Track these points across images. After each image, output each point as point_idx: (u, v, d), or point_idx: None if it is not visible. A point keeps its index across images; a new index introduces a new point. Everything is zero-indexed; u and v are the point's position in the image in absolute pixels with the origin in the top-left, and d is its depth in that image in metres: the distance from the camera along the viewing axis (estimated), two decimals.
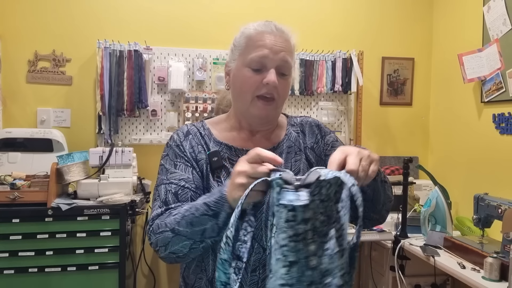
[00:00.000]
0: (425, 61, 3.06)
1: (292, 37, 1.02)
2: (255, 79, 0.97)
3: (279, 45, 0.98)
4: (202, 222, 0.85)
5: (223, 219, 0.83)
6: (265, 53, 0.97)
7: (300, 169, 1.04)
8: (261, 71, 0.98)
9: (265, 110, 1.00)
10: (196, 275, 1.01)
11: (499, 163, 2.33)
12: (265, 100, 0.98)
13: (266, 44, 0.97)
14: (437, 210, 2.23)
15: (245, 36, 1.01)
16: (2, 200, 2.05)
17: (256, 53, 0.97)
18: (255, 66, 0.98)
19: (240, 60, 1.00)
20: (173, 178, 0.99)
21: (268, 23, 1.01)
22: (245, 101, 1.00)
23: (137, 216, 2.37)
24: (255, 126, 1.05)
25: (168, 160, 1.03)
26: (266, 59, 0.97)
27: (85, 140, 2.62)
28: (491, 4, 2.37)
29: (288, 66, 1.00)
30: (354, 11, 2.97)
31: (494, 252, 1.77)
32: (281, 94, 1.00)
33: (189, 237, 0.87)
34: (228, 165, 1.01)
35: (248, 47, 0.99)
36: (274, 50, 0.97)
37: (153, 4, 2.72)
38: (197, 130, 1.06)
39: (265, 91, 0.97)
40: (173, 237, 0.89)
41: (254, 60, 0.97)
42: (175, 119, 2.72)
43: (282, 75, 0.99)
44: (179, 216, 0.89)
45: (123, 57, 2.58)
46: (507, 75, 2.27)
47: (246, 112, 1.02)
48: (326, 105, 2.92)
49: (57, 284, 2.09)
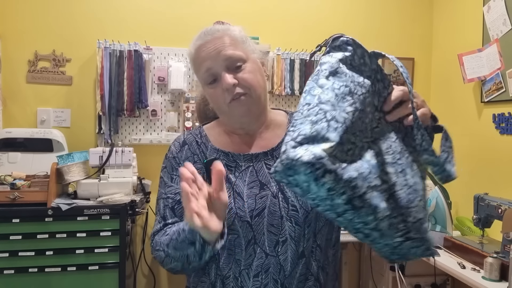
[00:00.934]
0: (425, 61, 3.06)
1: (229, 30, 1.00)
2: (218, 91, 0.97)
3: (213, 50, 0.96)
4: (183, 248, 0.87)
5: (198, 249, 0.84)
6: (207, 65, 0.96)
7: None
8: (217, 80, 0.97)
9: (242, 106, 0.97)
10: (199, 278, 1.01)
11: (499, 163, 2.33)
12: (237, 100, 0.96)
13: (204, 57, 0.97)
14: (437, 210, 2.23)
15: (190, 60, 1.03)
16: (2, 200, 2.05)
17: (202, 69, 0.98)
18: (209, 80, 0.98)
19: (201, 82, 1.02)
20: (170, 192, 1.02)
21: (202, 32, 1.00)
22: (224, 112, 1.00)
23: (137, 216, 2.38)
24: (246, 126, 1.03)
25: (166, 173, 1.05)
26: (211, 69, 0.96)
27: (85, 140, 2.62)
28: (491, 4, 2.37)
29: (236, 58, 0.96)
30: (354, 11, 2.97)
31: (494, 252, 1.77)
32: (247, 85, 0.96)
33: (176, 259, 0.91)
34: (226, 172, 1.00)
35: (196, 69, 1.01)
36: (212, 56, 0.96)
37: (153, 4, 2.72)
38: (193, 139, 1.06)
39: (230, 95, 0.96)
40: (165, 257, 0.93)
41: (205, 76, 0.98)
42: (175, 119, 2.72)
43: (236, 68, 0.96)
44: (168, 238, 0.93)
45: (123, 57, 2.58)
46: (507, 75, 2.27)
47: (231, 119, 1.01)
48: None
49: (57, 284, 2.09)
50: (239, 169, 1.01)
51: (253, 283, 0.94)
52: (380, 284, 2.56)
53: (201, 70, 0.98)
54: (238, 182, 0.99)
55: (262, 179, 0.99)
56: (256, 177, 0.99)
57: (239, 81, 0.95)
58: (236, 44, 0.98)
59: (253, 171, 1.00)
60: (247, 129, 1.04)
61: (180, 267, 0.92)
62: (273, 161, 1.01)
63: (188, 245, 0.86)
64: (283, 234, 0.94)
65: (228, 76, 0.94)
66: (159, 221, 1.01)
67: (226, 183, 0.99)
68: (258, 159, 1.01)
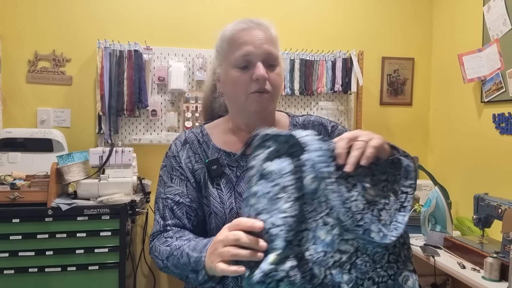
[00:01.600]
0: (425, 61, 3.06)
1: (271, 28, 1.02)
2: (244, 78, 0.97)
3: (259, 38, 0.97)
4: (184, 270, 0.88)
5: (201, 279, 0.84)
6: (248, 50, 0.96)
7: None
8: (248, 68, 0.97)
9: (261, 103, 0.98)
10: None
11: (499, 163, 2.33)
12: (259, 94, 0.97)
13: (247, 41, 0.97)
14: (437, 210, 2.23)
15: (225, 39, 1.00)
16: (2, 200, 2.05)
17: (239, 51, 0.97)
18: (241, 65, 0.97)
19: (226, 63, 1.00)
20: (169, 193, 1.02)
21: (245, 19, 1.01)
22: (240, 101, 1.00)
23: (137, 216, 2.38)
24: (253, 124, 1.03)
25: (165, 172, 1.05)
26: (250, 55, 0.96)
27: (85, 140, 2.62)
28: (491, 4, 2.37)
29: (274, 57, 0.99)
30: (354, 11, 2.97)
31: (494, 252, 1.77)
32: (274, 86, 0.98)
33: (175, 274, 0.93)
34: (228, 172, 1.01)
35: (230, 49, 0.99)
36: (256, 44, 0.96)
37: (153, 4, 2.72)
38: (195, 138, 1.06)
39: (257, 87, 0.97)
40: (163, 267, 0.95)
41: (239, 59, 0.97)
42: (175, 119, 2.72)
43: (270, 66, 0.98)
44: (169, 251, 0.93)
45: (123, 57, 2.58)
46: (507, 75, 2.27)
47: (243, 110, 1.01)
48: (326, 105, 2.92)
49: (57, 284, 2.09)
50: (241, 169, 1.01)
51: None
52: None
53: (237, 52, 0.97)
54: (239, 182, 0.99)
55: None
56: None
57: (269, 79, 0.97)
58: (276, 44, 1.01)
59: None
60: (252, 127, 1.04)
61: (178, 278, 0.94)
62: None
63: (190, 271, 0.86)
64: None
65: (263, 68, 0.96)
66: (158, 221, 1.01)
67: (228, 183, 0.99)
68: None
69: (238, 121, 1.05)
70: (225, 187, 0.99)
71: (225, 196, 0.98)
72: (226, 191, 0.99)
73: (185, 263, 0.87)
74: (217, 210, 0.97)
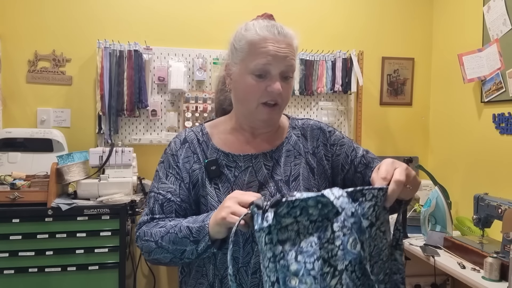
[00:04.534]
0: (425, 61, 3.06)
1: (295, 39, 1.02)
2: (259, 87, 0.97)
3: (282, 51, 0.97)
4: (183, 244, 0.91)
5: (202, 247, 0.89)
6: (269, 61, 0.96)
7: (300, 173, 1.03)
8: (265, 77, 0.97)
9: (270, 115, 1.01)
10: (197, 280, 1.01)
11: (499, 163, 2.33)
12: (270, 106, 0.99)
13: (270, 51, 0.96)
14: (437, 210, 2.23)
15: (247, 41, 0.99)
16: (2, 200, 2.05)
17: (260, 60, 0.96)
18: (258, 73, 0.97)
19: (243, 65, 0.99)
20: (162, 189, 1.03)
21: (271, 26, 1.00)
22: (249, 107, 1.00)
23: (137, 216, 2.37)
24: (258, 129, 1.05)
25: (162, 169, 1.06)
26: (270, 66, 0.96)
27: (85, 140, 2.62)
28: (491, 4, 2.37)
29: (292, 70, 1.00)
30: (354, 11, 2.97)
31: (494, 252, 1.77)
32: (284, 98, 1.01)
33: (170, 252, 0.94)
34: (226, 172, 1.01)
35: (251, 53, 0.98)
36: (278, 57, 0.96)
37: (153, 4, 2.72)
38: (194, 137, 1.07)
39: (270, 98, 0.98)
40: (156, 248, 0.96)
41: (258, 68, 0.96)
42: (175, 119, 2.72)
43: (285, 78, 0.99)
44: (164, 230, 0.95)
45: (123, 57, 2.58)
46: (507, 75, 2.27)
47: (251, 117, 1.03)
48: (326, 105, 2.92)
49: (57, 284, 2.09)
50: (239, 169, 1.02)
51: (251, 281, 0.95)
52: None
53: (258, 59, 0.96)
54: (237, 182, 1.00)
55: (261, 179, 1.01)
56: (255, 177, 1.01)
57: (282, 91, 0.98)
58: (295, 57, 1.02)
59: (252, 171, 1.01)
60: (255, 129, 1.06)
61: (168, 259, 0.95)
62: (271, 163, 1.03)
63: (191, 242, 0.90)
64: None
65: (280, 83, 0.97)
66: (147, 214, 1.03)
67: (226, 182, 1.00)
68: (258, 160, 1.03)
69: (242, 122, 1.06)
70: (223, 186, 1.00)
71: (222, 195, 0.99)
72: (224, 190, 1.00)
73: (185, 235, 0.91)
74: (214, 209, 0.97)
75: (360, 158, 1.08)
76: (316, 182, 1.04)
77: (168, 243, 0.93)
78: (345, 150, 1.09)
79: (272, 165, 1.03)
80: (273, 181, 1.01)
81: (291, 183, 1.02)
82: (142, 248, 1.00)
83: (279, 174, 1.02)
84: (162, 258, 0.96)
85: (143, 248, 0.99)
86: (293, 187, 1.01)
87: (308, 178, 1.03)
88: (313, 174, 1.05)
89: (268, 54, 0.96)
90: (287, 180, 1.02)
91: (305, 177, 1.03)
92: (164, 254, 0.95)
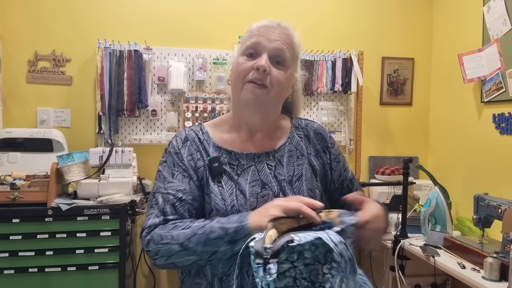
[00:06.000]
0: (425, 61, 3.06)
1: (293, 33, 1.04)
2: (247, 65, 0.99)
3: (274, 35, 1.00)
4: (216, 245, 0.88)
5: (239, 247, 0.84)
6: (259, 40, 0.99)
7: (303, 174, 1.03)
8: (255, 57, 0.99)
9: (254, 93, 0.98)
10: (195, 279, 1.01)
11: (499, 163, 2.33)
12: (255, 85, 0.98)
13: (262, 33, 1.00)
14: (437, 210, 2.23)
15: (247, 31, 1.04)
16: (2, 200, 2.05)
17: (250, 40, 1.00)
18: (248, 52, 1.00)
19: (239, 52, 1.03)
20: (171, 188, 0.99)
21: (272, 20, 1.04)
22: (238, 89, 1.01)
23: (137, 216, 2.37)
24: (249, 117, 1.04)
25: (166, 168, 1.03)
26: (259, 45, 0.99)
27: (85, 140, 2.62)
28: (491, 4, 2.37)
29: (284, 56, 1.00)
30: (354, 11, 2.97)
31: (494, 252, 1.77)
32: (274, 82, 0.98)
33: (197, 254, 0.90)
34: (228, 170, 1.01)
35: (247, 39, 1.02)
36: (269, 38, 0.99)
37: (153, 4, 2.72)
38: (195, 135, 1.06)
39: (255, 76, 0.97)
40: (180, 251, 0.90)
41: (248, 46, 1.00)
42: (175, 119, 2.72)
43: (277, 63, 0.99)
44: (189, 232, 0.91)
45: (123, 57, 2.58)
46: (507, 75, 2.27)
47: (238, 100, 1.02)
48: (326, 105, 2.92)
49: (57, 284, 2.09)
50: (241, 167, 1.02)
51: (252, 281, 0.94)
52: (380, 284, 2.55)
53: (249, 40, 1.00)
54: (240, 180, 1.00)
55: (264, 179, 1.01)
56: (258, 177, 1.00)
57: (270, 73, 0.97)
58: (292, 49, 1.03)
59: (255, 170, 1.01)
60: (250, 125, 1.05)
61: (191, 261, 0.91)
62: (274, 162, 1.03)
63: (226, 243, 0.87)
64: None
65: (266, 60, 0.97)
66: (158, 215, 0.97)
67: (229, 181, 1.00)
68: (260, 159, 1.03)
69: (239, 117, 1.06)
70: (226, 185, 0.99)
71: (226, 193, 0.98)
72: (227, 188, 0.99)
73: (219, 236, 0.87)
74: (218, 207, 0.97)
75: (348, 181, 1.12)
76: (318, 184, 1.05)
77: (197, 245, 0.89)
78: (340, 168, 1.11)
79: (274, 165, 1.03)
80: (276, 181, 1.01)
81: (294, 183, 1.01)
82: (159, 252, 0.93)
83: (282, 174, 1.02)
84: (184, 261, 0.91)
85: (160, 252, 0.92)
86: (296, 187, 1.01)
87: (311, 179, 1.03)
88: (315, 176, 1.05)
89: (260, 35, 1.00)
90: (290, 180, 1.01)
91: (308, 177, 1.03)
92: (188, 256, 0.90)
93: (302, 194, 0.99)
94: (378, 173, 2.74)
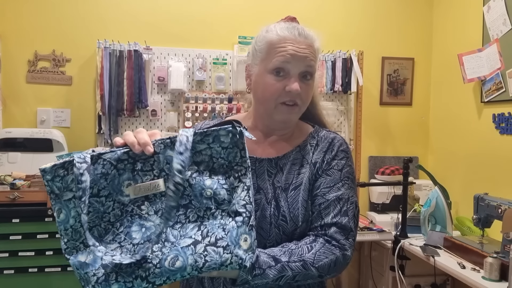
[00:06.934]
0: (425, 61, 3.06)
1: (317, 41, 1.01)
2: (277, 86, 0.96)
3: (302, 51, 0.96)
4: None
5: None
6: (287, 59, 0.95)
7: (303, 183, 0.99)
8: (284, 77, 0.96)
9: (289, 115, 0.99)
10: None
11: (499, 163, 2.33)
12: (289, 106, 0.98)
13: (288, 50, 0.95)
14: (437, 210, 2.23)
15: (267, 41, 0.98)
16: (2, 200, 2.05)
17: (278, 58, 0.96)
18: (276, 72, 0.96)
19: (262, 65, 0.99)
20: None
21: (292, 27, 0.99)
22: (268, 107, 0.99)
23: None
24: (274, 129, 1.04)
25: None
26: (289, 65, 0.96)
27: (85, 140, 2.62)
28: (491, 4, 2.37)
29: (311, 71, 0.98)
30: (354, 11, 2.97)
31: (494, 252, 1.77)
32: (304, 99, 0.99)
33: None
34: None
35: (270, 53, 0.97)
36: (297, 57, 0.95)
37: (153, 4, 2.72)
38: None
39: (288, 99, 0.97)
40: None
41: (276, 66, 0.96)
42: (175, 119, 2.72)
43: (304, 78, 0.98)
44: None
45: (123, 57, 2.58)
46: (507, 75, 2.27)
47: (269, 117, 1.01)
48: (326, 105, 2.92)
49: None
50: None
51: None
52: (380, 284, 2.56)
53: (276, 57, 0.96)
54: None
55: (260, 183, 1.00)
56: (255, 180, 1.00)
57: (301, 91, 0.97)
58: (316, 58, 1.01)
59: (253, 174, 1.00)
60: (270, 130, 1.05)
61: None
62: (275, 170, 1.01)
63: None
64: (271, 239, 0.95)
65: (298, 83, 0.96)
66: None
67: None
68: (262, 164, 1.02)
69: (259, 122, 1.06)
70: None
71: None
72: None
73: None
74: None
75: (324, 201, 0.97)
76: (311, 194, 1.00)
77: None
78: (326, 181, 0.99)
79: (275, 173, 1.01)
80: (273, 187, 0.99)
81: (290, 191, 0.98)
82: None
83: (279, 181, 1.00)
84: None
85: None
86: (291, 196, 0.98)
87: (309, 189, 0.99)
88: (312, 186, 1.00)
89: (287, 53, 0.95)
90: (286, 188, 0.98)
91: (306, 187, 0.99)
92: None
93: (296, 204, 0.96)
94: (378, 173, 2.75)
